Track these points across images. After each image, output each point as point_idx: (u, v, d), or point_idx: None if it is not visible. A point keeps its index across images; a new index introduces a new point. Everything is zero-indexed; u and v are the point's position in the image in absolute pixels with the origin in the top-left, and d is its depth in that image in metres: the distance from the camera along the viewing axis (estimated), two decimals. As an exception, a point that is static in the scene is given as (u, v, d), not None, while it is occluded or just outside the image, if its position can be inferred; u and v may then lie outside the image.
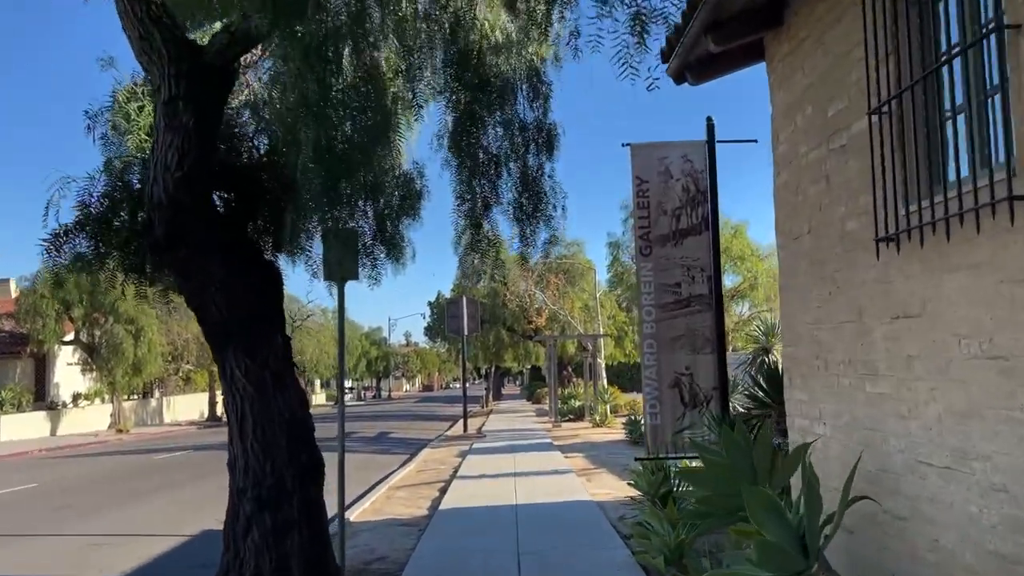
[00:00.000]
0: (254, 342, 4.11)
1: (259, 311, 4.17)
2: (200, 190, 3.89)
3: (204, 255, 3.95)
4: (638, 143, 8.16)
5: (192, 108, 3.82)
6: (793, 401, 5.65)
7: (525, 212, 5.38)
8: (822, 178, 4.97)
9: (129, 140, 4.46)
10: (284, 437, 4.08)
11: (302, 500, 4.08)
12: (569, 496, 9.20)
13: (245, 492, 4.00)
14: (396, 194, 6.20)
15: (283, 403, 4.12)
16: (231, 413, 4.16)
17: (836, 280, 4.79)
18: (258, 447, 4.03)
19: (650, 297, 8.02)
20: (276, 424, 4.07)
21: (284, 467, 4.05)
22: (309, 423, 4.35)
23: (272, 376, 4.11)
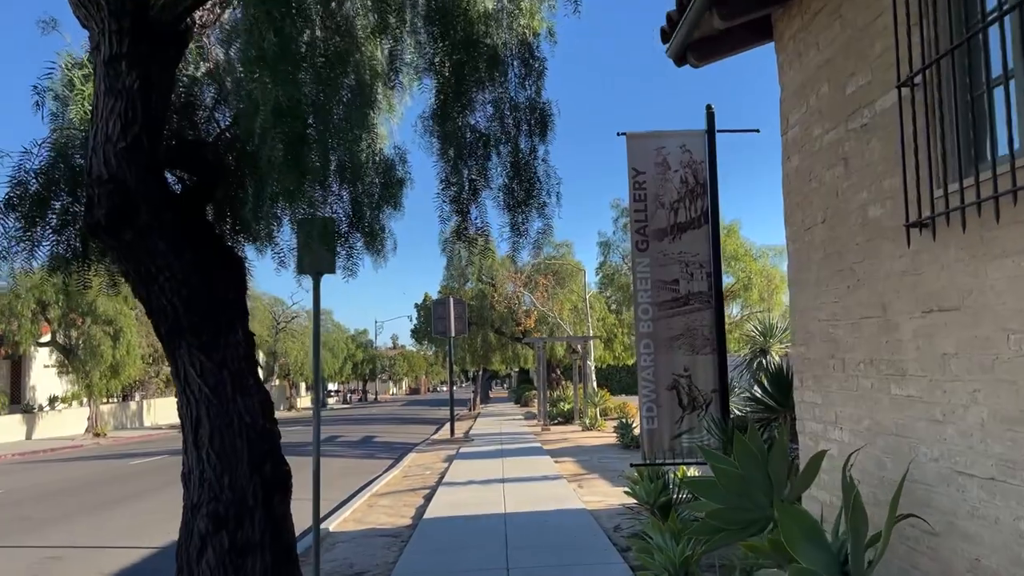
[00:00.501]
0: (211, 338, 3.64)
1: (217, 303, 3.71)
2: (148, 164, 3.43)
3: (153, 239, 3.48)
4: (634, 132, 7.76)
5: (137, 69, 3.35)
6: (804, 404, 5.25)
7: (516, 199, 4.95)
8: (839, 162, 4.57)
9: (72, 111, 3.99)
10: (245, 446, 3.62)
11: (265, 517, 3.62)
12: (560, 504, 8.76)
13: (199, 508, 3.54)
14: (376, 181, 5.78)
15: (244, 407, 3.66)
16: (184, 419, 3.69)
17: (856, 272, 4.40)
18: (215, 457, 3.57)
19: (647, 295, 7.62)
20: (236, 431, 3.61)
21: (245, 480, 3.59)
22: (274, 430, 3.89)
23: (231, 377, 3.65)
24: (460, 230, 4.46)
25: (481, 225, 4.46)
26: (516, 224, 4.95)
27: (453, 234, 4.54)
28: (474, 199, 4.48)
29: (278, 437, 3.92)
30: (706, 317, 7.57)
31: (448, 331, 20.93)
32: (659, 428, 7.50)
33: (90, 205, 3.42)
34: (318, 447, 5.62)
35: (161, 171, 3.63)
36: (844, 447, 4.59)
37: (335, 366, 56.06)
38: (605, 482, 10.69)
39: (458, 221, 4.48)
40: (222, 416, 3.60)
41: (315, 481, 5.53)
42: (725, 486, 3.96)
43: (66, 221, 4.00)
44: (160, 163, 3.62)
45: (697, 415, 7.50)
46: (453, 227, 4.48)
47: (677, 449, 7.48)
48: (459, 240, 4.56)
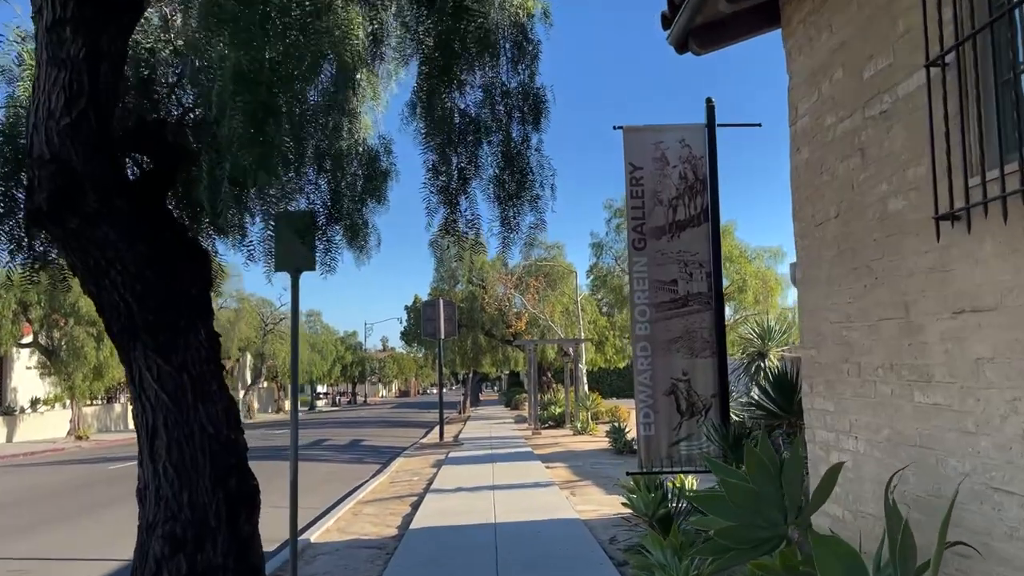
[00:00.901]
0: (169, 339, 3.29)
1: (177, 300, 3.35)
2: (97, 144, 3.07)
3: (102, 227, 3.12)
4: (631, 126, 7.45)
5: (84, 36, 2.99)
6: (814, 411, 4.93)
7: (507, 191, 4.62)
8: (855, 152, 4.26)
9: (21, 87, 3.63)
10: (207, 459, 3.26)
11: (230, 537, 3.27)
12: (553, 513, 8.42)
13: (155, 528, 3.18)
14: (359, 172, 5.44)
15: (207, 416, 3.30)
16: (140, 428, 3.33)
17: (873, 270, 4.09)
18: (172, 471, 3.21)
19: (644, 295, 7.30)
20: (197, 442, 3.25)
21: (206, 496, 3.24)
22: (240, 440, 3.53)
23: (193, 382, 3.29)
24: (449, 223, 4.13)
25: (472, 218, 4.12)
26: (507, 218, 4.62)
27: (442, 227, 4.20)
28: (464, 189, 4.14)
29: (244, 448, 3.56)
30: (706, 319, 7.26)
31: (437, 333, 20.57)
32: (656, 435, 7.18)
33: (31, 189, 3.06)
34: (295, 454, 5.25)
35: (113, 152, 3.27)
36: (859, 458, 4.28)
37: (324, 368, 55.52)
38: (599, 489, 10.36)
39: (447, 213, 4.15)
40: (181, 425, 3.24)
41: (292, 493, 5.16)
42: (736, 502, 3.63)
43: (9, 209, 3.63)
44: (112, 143, 3.26)
45: (696, 421, 7.19)
46: (442, 220, 4.14)
47: (675, 457, 7.16)
48: (448, 234, 4.22)
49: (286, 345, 45.85)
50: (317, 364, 52.54)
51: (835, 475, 3.88)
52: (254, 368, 46.98)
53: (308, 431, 29.28)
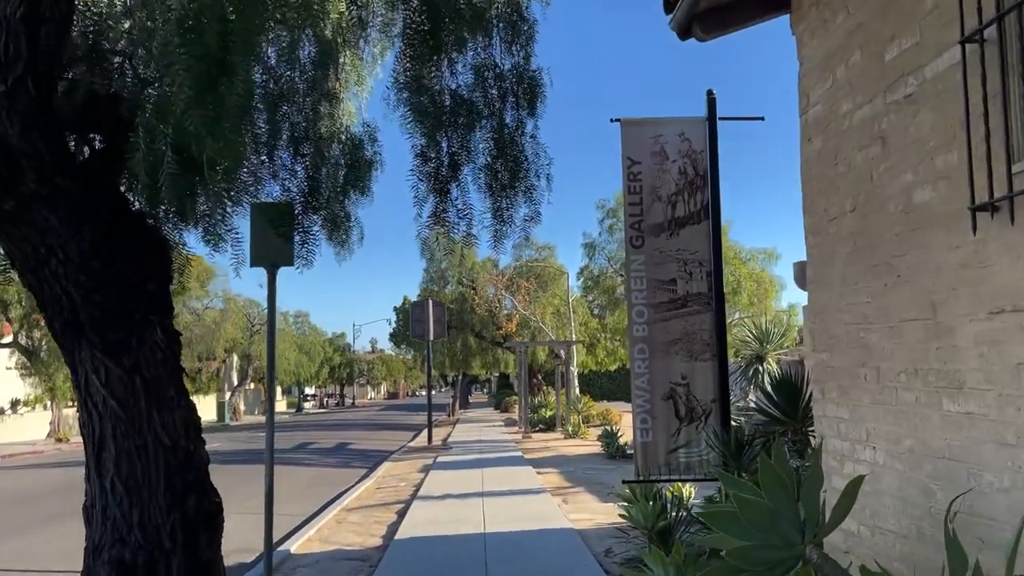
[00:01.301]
0: (120, 338, 2.93)
1: (129, 295, 3.00)
2: (36, 117, 2.72)
3: (41, 211, 2.77)
4: (629, 118, 7.13)
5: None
6: (826, 419, 4.63)
7: (500, 181, 4.28)
8: (875, 140, 3.96)
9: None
10: (161, 474, 2.91)
11: (188, 563, 2.91)
12: (545, 522, 8.08)
13: (101, 552, 2.83)
14: (341, 161, 5.10)
15: (162, 425, 2.95)
16: (86, 438, 2.98)
17: (895, 268, 3.78)
18: (121, 488, 2.86)
19: (641, 295, 6.98)
20: (150, 455, 2.90)
21: (160, 516, 2.88)
22: (202, 453, 3.18)
23: (146, 386, 2.94)
24: (439, 213, 3.79)
25: (463, 207, 3.79)
26: (500, 210, 4.30)
27: (431, 218, 3.87)
28: (455, 177, 3.81)
29: (206, 462, 3.21)
30: (706, 320, 6.95)
31: (426, 334, 20.20)
32: (654, 441, 6.85)
33: (-43, 168, 2.71)
34: (271, 461, 4.89)
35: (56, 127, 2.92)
36: (878, 470, 3.98)
37: (311, 369, 54.96)
38: (592, 497, 10.03)
39: (436, 202, 3.81)
40: (132, 436, 2.89)
41: (267, 506, 4.79)
42: (749, 519, 3.30)
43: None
44: (55, 117, 2.91)
45: (695, 427, 6.87)
46: (431, 210, 3.80)
47: (674, 464, 6.84)
48: (437, 224, 3.88)
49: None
50: (305, 366, 51.97)
51: (856, 489, 3.56)
52: (240, 369, 46.39)
53: (294, 434, 28.81)
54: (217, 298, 42.08)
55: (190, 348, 37.79)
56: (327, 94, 4.62)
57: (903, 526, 3.77)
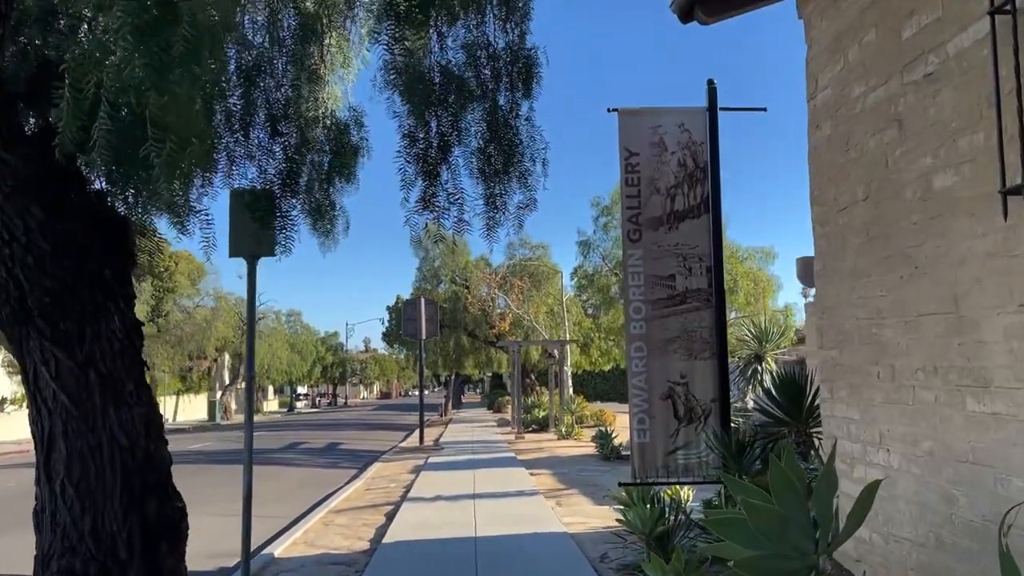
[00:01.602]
0: (72, 328, 2.67)
1: (83, 281, 2.74)
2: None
3: (-20, 188, 2.53)
4: (627, 108, 6.89)
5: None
6: (835, 419, 4.40)
7: (494, 166, 4.03)
8: (890, 124, 3.74)
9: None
10: (118, 477, 2.66)
11: (147, 574, 2.66)
12: (538, 526, 7.84)
13: (50, 562, 2.57)
14: (326, 147, 4.85)
15: (119, 424, 2.70)
16: (35, 437, 2.72)
17: (913, 258, 3.56)
18: (72, 492, 2.60)
19: (639, 291, 6.74)
20: (105, 456, 2.64)
21: (116, 523, 2.63)
22: (163, 454, 2.92)
23: (102, 381, 2.69)
24: (427, 197, 3.54)
25: (454, 191, 3.54)
26: (493, 196, 4.04)
27: (419, 203, 3.62)
28: (444, 158, 3.56)
29: (168, 463, 2.95)
30: (705, 317, 6.72)
31: (418, 333, 19.93)
32: (652, 442, 6.62)
33: None
34: (250, 462, 4.62)
35: (2, 97, 2.66)
36: (893, 474, 3.75)
37: (303, 369, 54.58)
38: (586, 499, 9.79)
39: (425, 186, 3.56)
40: (85, 435, 2.63)
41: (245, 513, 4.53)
42: (759, 527, 3.07)
43: None
44: (1, 86, 2.65)
45: (695, 428, 6.64)
46: (419, 194, 3.55)
47: (672, 466, 6.61)
48: (426, 209, 3.63)
49: (264, 344, 44.87)
50: (297, 365, 51.59)
51: (872, 494, 3.33)
52: (232, 368, 45.97)
53: (284, 433, 28.47)
54: (208, 296, 41.67)
55: (181, 347, 37.39)
56: (311, 74, 4.36)
57: (920, 534, 3.55)
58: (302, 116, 3.72)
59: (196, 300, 40.98)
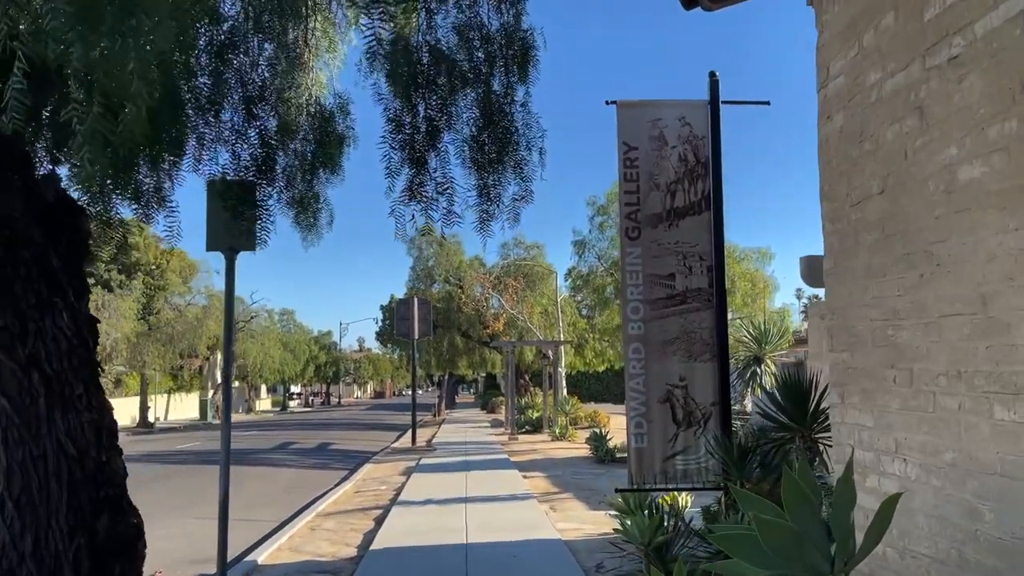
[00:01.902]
0: (12, 323, 2.42)
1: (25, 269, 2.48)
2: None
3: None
4: (625, 100, 6.66)
5: None
6: (846, 426, 4.17)
7: (487, 155, 3.79)
8: (910, 112, 3.50)
9: None
10: (64, 490, 2.39)
11: (96, 598, 2.41)
12: (531, 532, 7.59)
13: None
14: (310, 136, 4.60)
15: (66, 432, 2.44)
16: (-27, 446, 2.47)
17: (935, 256, 3.32)
18: (12, 507, 2.33)
19: (637, 291, 6.51)
20: (50, 467, 2.38)
21: (61, 542, 2.37)
22: (116, 465, 2.67)
23: (47, 383, 2.42)
24: (414, 186, 3.29)
25: (443, 180, 3.29)
26: (486, 187, 3.79)
27: (405, 192, 3.37)
28: (433, 145, 3.31)
29: (123, 475, 2.69)
30: (706, 318, 6.49)
31: (411, 333, 19.66)
32: (649, 447, 6.39)
33: None
34: (227, 470, 4.36)
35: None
36: (910, 485, 3.51)
37: (296, 368, 54.22)
38: (581, 504, 9.54)
39: (412, 174, 3.31)
40: (28, 443, 2.37)
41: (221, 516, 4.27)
42: (771, 544, 2.83)
43: None
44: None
45: (694, 432, 6.41)
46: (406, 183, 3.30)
47: (670, 472, 6.38)
48: (413, 200, 3.38)
49: (257, 343, 44.54)
50: (289, 364, 51.22)
51: (892, 508, 3.09)
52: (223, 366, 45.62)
53: (276, 433, 28.18)
54: (200, 294, 41.30)
55: (172, 345, 36.99)
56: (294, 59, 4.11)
57: (940, 550, 3.32)
58: (281, 99, 3.47)
59: (188, 298, 40.58)
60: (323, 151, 4.56)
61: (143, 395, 35.91)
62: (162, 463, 17.14)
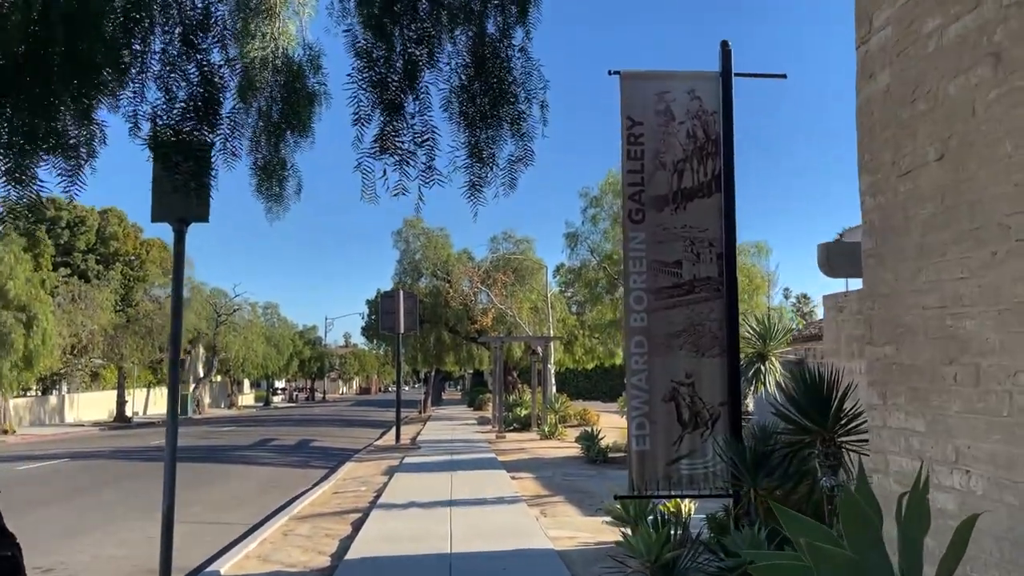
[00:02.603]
0: None
1: None
2: None
3: None
4: (630, 71, 6.10)
5: None
6: (889, 431, 3.63)
7: (479, 107, 3.21)
8: (982, 60, 2.96)
9: None
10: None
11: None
12: (521, 540, 7.03)
13: None
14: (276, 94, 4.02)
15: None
16: None
17: (1013, 231, 2.79)
18: None
19: (640, 279, 5.96)
20: None
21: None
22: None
23: None
24: (387, 135, 2.72)
25: (423, 130, 2.71)
26: (478, 145, 3.21)
27: (376, 143, 2.79)
28: (411, 86, 2.73)
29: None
30: (715, 309, 5.95)
31: (396, 327, 19.05)
32: (652, 450, 5.84)
33: None
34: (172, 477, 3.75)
35: None
36: (973, 501, 2.98)
37: (279, 363, 53.33)
38: (573, 508, 9.00)
39: (384, 120, 2.73)
40: None
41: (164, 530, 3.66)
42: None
43: None
44: None
45: (701, 434, 5.87)
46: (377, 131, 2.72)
47: (674, 477, 5.83)
48: (385, 152, 2.81)
49: (240, 337, 43.66)
50: (273, 358, 50.34)
51: (968, 533, 2.55)
52: (206, 361, 44.68)
53: (256, 429, 27.49)
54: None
55: (151, 338, 36.11)
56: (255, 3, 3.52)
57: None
58: (233, 33, 2.88)
59: (168, 290, 39.68)
60: (290, 110, 3.98)
61: (120, 389, 35.01)
62: (131, 460, 16.45)
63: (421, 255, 32.83)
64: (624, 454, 13.31)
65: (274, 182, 4.10)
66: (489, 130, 3.16)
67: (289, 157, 4.11)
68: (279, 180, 4.10)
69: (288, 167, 4.12)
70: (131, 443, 20.05)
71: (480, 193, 3.19)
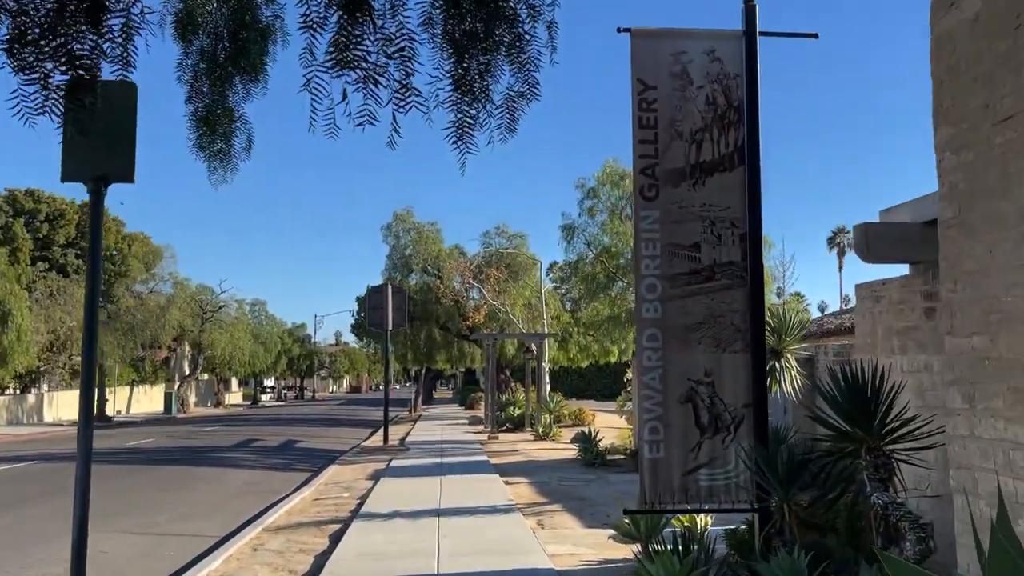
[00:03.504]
0: None
1: None
2: None
3: None
4: (641, 28, 5.39)
5: None
6: (976, 441, 2.93)
7: (468, 28, 2.49)
8: None
9: None
10: None
11: None
12: (517, 558, 6.30)
13: None
14: (222, 29, 3.33)
15: None
16: None
17: None
18: None
19: (654, 264, 5.26)
20: None
21: None
22: None
23: None
24: (346, 43, 2.01)
25: (395, 37, 2.01)
26: (467, 75, 2.49)
27: (331, 54, 2.08)
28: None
29: None
30: (737, 298, 5.26)
31: (384, 323, 18.29)
32: (667, 458, 5.14)
33: None
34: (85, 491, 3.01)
35: None
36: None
37: (267, 361, 52.43)
38: (572, 518, 8.29)
39: (342, 24, 2.03)
40: None
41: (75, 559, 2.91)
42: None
43: None
44: None
45: (722, 440, 5.18)
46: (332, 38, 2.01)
47: (692, 489, 5.14)
48: (341, 66, 2.11)
49: (226, 334, 42.72)
50: (260, 356, 49.42)
51: None
52: (192, 359, 43.73)
53: (240, 429, 26.67)
54: (164, 281, 39.48)
55: (132, 334, 35.19)
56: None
57: None
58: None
59: (151, 285, 38.75)
60: (238, 48, 3.27)
61: (100, 387, 34.05)
62: (103, 462, 15.59)
63: (412, 250, 32.04)
64: (623, 456, 12.66)
65: (218, 138, 3.39)
66: (482, 55, 2.44)
67: (238, 106, 3.40)
68: (224, 134, 3.39)
69: (236, 118, 3.42)
70: (107, 444, 19.16)
71: (470, 137, 2.47)
